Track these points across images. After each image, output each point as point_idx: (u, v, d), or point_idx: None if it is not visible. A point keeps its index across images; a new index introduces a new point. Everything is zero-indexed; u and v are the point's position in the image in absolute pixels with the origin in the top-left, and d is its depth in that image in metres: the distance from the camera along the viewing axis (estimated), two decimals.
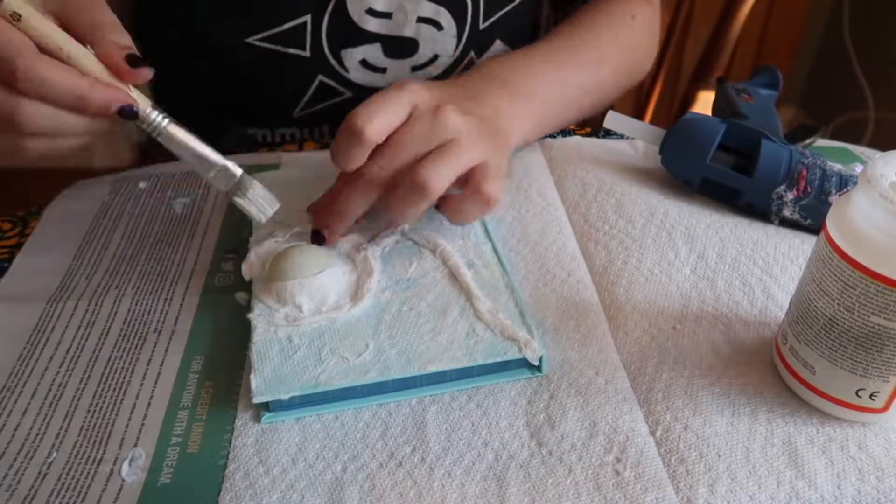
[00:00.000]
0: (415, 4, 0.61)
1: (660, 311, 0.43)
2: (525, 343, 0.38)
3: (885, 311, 0.32)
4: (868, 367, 0.34)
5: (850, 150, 0.61)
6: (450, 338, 0.39)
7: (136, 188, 0.54)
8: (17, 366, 0.39)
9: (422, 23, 0.62)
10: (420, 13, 0.62)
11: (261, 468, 0.34)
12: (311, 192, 0.49)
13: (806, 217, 0.49)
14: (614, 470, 0.34)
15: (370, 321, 0.40)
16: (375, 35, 0.62)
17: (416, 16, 0.62)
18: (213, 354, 0.40)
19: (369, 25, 0.61)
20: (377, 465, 0.34)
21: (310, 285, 0.40)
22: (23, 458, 0.34)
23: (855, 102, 1.64)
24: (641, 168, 0.57)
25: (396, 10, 0.61)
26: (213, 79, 0.65)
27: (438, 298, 0.42)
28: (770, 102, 0.58)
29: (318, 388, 0.36)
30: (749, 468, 0.34)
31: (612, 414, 0.37)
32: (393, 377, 0.37)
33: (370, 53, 0.63)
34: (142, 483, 0.33)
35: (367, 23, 0.61)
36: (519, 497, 0.33)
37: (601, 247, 0.48)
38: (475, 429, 0.36)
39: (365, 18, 0.61)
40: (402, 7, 0.61)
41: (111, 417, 0.36)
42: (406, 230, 0.47)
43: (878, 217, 0.32)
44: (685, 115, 0.54)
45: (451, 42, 0.64)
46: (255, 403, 0.36)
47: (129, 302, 0.44)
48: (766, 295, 0.44)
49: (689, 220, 0.51)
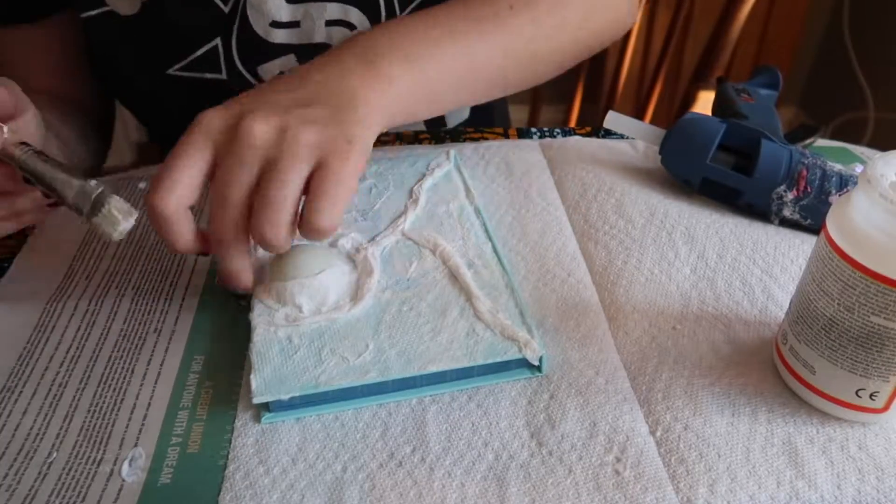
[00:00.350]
0: (320, 9, 0.59)
1: (660, 311, 0.43)
2: (525, 343, 0.38)
3: (885, 311, 0.32)
4: (868, 367, 0.34)
5: (850, 150, 0.61)
6: (450, 338, 0.39)
7: (136, 188, 0.54)
8: (17, 366, 0.39)
9: (332, 26, 0.60)
10: (327, 17, 0.59)
11: (261, 468, 0.34)
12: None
13: (806, 217, 0.49)
14: (614, 470, 0.34)
15: (370, 321, 0.40)
16: (286, 46, 0.60)
17: (324, 20, 0.59)
18: (213, 354, 0.40)
19: (277, 38, 0.60)
20: (377, 465, 0.34)
21: (310, 285, 0.40)
22: (23, 458, 0.35)
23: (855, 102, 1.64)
24: (641, 168, 0.57)
25: (303, 17, 0.59)
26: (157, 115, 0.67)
27: (438, 298, 0.42)
28: (770, 102, 0.58)
29: (319, 388, 0.36)
30: (749, 468, 0.34)
31: (612, 414, 0.37)
32: (393, 377, 0.37)
33: (286, 65, 0.61)
34: (142, 483, 0.33)
35: (274, 36, 0.60)
36: (519, 497, 0.33)
37: (601, 247, 0.48)
38: (475, 429, 0.36)
39: (271, 32, 0.59)
40: (308, 14, 0.59)
41: (111, 417, 0.37)
42: (406, 230, 0.47)
43: (878, 217, 0.32)
44: (685, 115, 0.54)
45: None
46: (254, 404, 0.36)
47: (128, 302, 0.44)
48: (766, 295, 0.45)
49: (689, 220, 0.51)
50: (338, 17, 0.60)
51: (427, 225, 0.47)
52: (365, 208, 0.49)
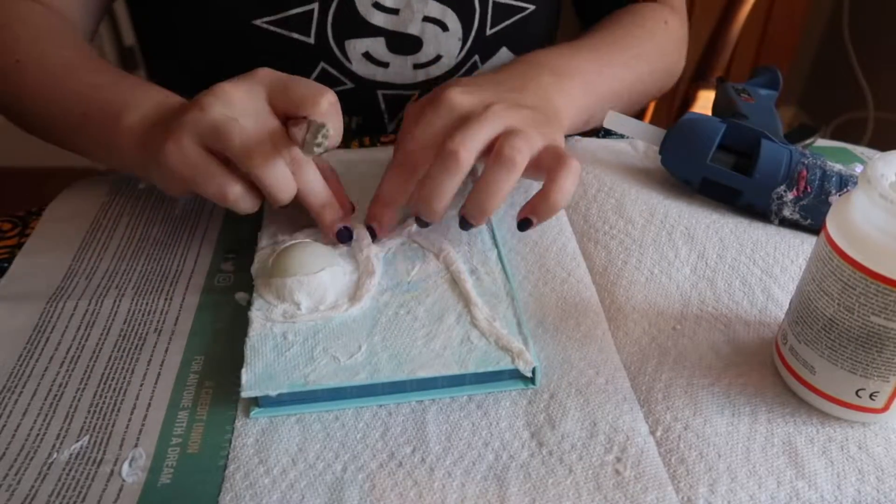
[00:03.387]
0: (422, 3, 0.61)
1: (660, 311, 0.43)
2: (518, 354, 0.38)
3: (885, 311, 0.32)
4: (868, 367, 0.34)
5: (850, 150, 0.61)
6: (443, 344, 0.38)
7: (136, 188, 0.54)
8: (17, 366, 0.39)
9: (428, 22, 0.63)
10: (427, 12, 0.62)
11: (261, 468, 0.34)
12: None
13: (806, 217, 0.49)
14: (614, 470, 0.34)
15: (366, 322, 0.40)
16: (380, 29, 0.62)
17: (423, 14, 0.62)
18: (213, 354, 0.40)
19: (375, 19, 0.62)
20: (377, 465, 0.34)
21: (309, 283, 0.40)
22: (23, 458, 0.35)
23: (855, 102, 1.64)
24: (641, 168, 0.57)
25: (404, 6, 0.61)
26: (215, 60, 0.65)
27: (437, 303, 0.41)
28: (770, 102, 0.58)
29: (307, 386, 0.36)
30: (749, 468, 0.34)
31: (612, 414, 0.37)
32: (382, 380, 0.37)
33: (374, 47, 0.63)
34: (142, 483, 0.33)
35: (373, 16, 0.62)
36: (519, 497, 0.33)
37: (601, 247, 0.48)
38: (475, 429, 0.36)
39: (371, 12, 0.61)
40: (410, 4, 0.61)
41: (111, 418, 0.36)
42: (412, 232, 0.47)
43: (878, 217, 0.32)
44: (685, 115, 0.54)
45: (456, 44, 0.64)
46: (243, 398, 0.36)
47: (129, 302, 0.44)
48: (766, 295, 0.45)
49: (689, 220, 0.51)
50: (436, 15, 0.63)
51: (434, 229, 0.47)
52: None
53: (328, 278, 0.41)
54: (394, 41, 0.63)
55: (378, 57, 0.64)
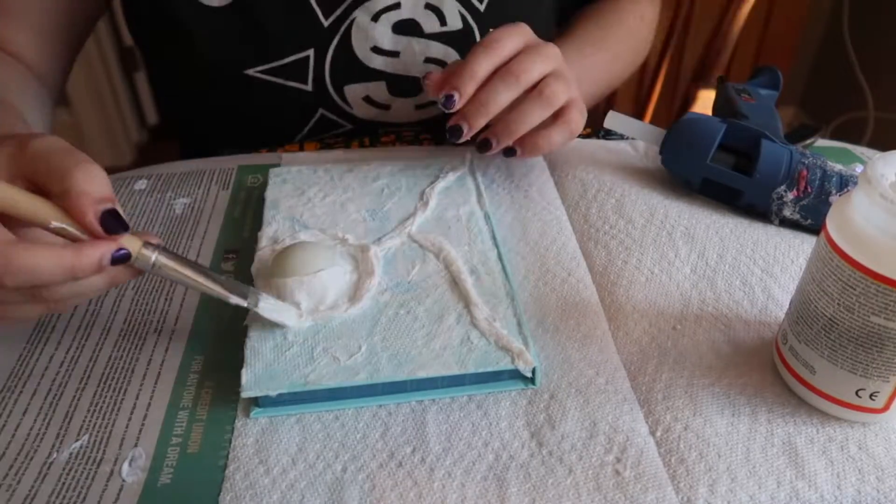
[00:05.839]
0: (423, 46, 0.60)
1: (660, 311, 0.43)
2: (518, 354, 0.38)
3: (885, 311, 0.32)
4: (868, 367, 0.34)
5: (850, 150, 0.61)
6: (443, 344, 0.38)
7: (136, 188, 0.54)
8: (17, 366, 0.39)
9: (430, 63, 0.61)
10: (428, 53, 0.61)
11: (261, 468, 0.34)
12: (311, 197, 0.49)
13: (806, 217, 0.49)
14: (614, 470, 0.34)
15: (366, 323, 0.40)
16: (380, 73, 0.61)
17: (425, 56, 0.61)
18: (213, 354, 0.40)
19: (374, 63, 0.60)
20: (377, 465, 0.34)
21: (309, 283, 0.40)
22: (23, 458, 0.35)
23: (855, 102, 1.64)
24: (641, 168, 0.57)
25: (404, 49, 0.60)
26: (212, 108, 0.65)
27: (437, 303, 0.41)
28: (770, 102, 0.58)
29: (307, 386, 0.36)
30: (749, 468, 0.34)
31: (612, 414, 0.37)
32: (382, 380, 0.37)
33: (375, 90, 0.62)
34: (142, 483, 0.33)
35: (372, 60, 0.60)
36: (519, 497, 0.33)
37: (601, 247, 0.48)
38: (475, 429, 0.36)
39: (370, 56, 0.60)
40: (411, 47, 0.60)
41: (111, 417, 0.37)
42: (413, 232, 0.47)
43: (878, 217, 0.32)
44: (685, 115, 0.54)
45: None
46: (243, 398, 0.36)
47: (128, 302, 0.44)
48: (766, 295, 0.44)
49: (689, 220, 0.51)
50: (438, 56, 0.61)
51: (434, 229, 0.47)
52: (374, 208, 0.49)
53: (328, 278, 0.41)
54: (395, 84, 0.62)
55: (379, 100, 0.62)
